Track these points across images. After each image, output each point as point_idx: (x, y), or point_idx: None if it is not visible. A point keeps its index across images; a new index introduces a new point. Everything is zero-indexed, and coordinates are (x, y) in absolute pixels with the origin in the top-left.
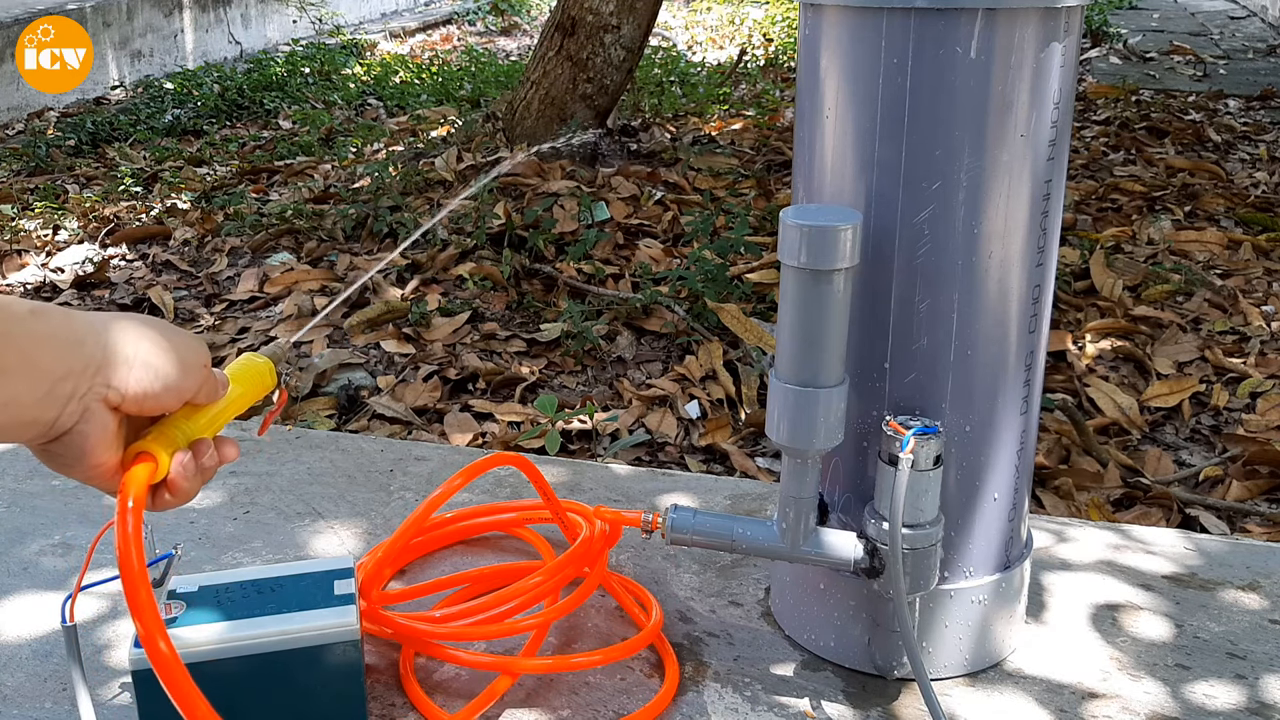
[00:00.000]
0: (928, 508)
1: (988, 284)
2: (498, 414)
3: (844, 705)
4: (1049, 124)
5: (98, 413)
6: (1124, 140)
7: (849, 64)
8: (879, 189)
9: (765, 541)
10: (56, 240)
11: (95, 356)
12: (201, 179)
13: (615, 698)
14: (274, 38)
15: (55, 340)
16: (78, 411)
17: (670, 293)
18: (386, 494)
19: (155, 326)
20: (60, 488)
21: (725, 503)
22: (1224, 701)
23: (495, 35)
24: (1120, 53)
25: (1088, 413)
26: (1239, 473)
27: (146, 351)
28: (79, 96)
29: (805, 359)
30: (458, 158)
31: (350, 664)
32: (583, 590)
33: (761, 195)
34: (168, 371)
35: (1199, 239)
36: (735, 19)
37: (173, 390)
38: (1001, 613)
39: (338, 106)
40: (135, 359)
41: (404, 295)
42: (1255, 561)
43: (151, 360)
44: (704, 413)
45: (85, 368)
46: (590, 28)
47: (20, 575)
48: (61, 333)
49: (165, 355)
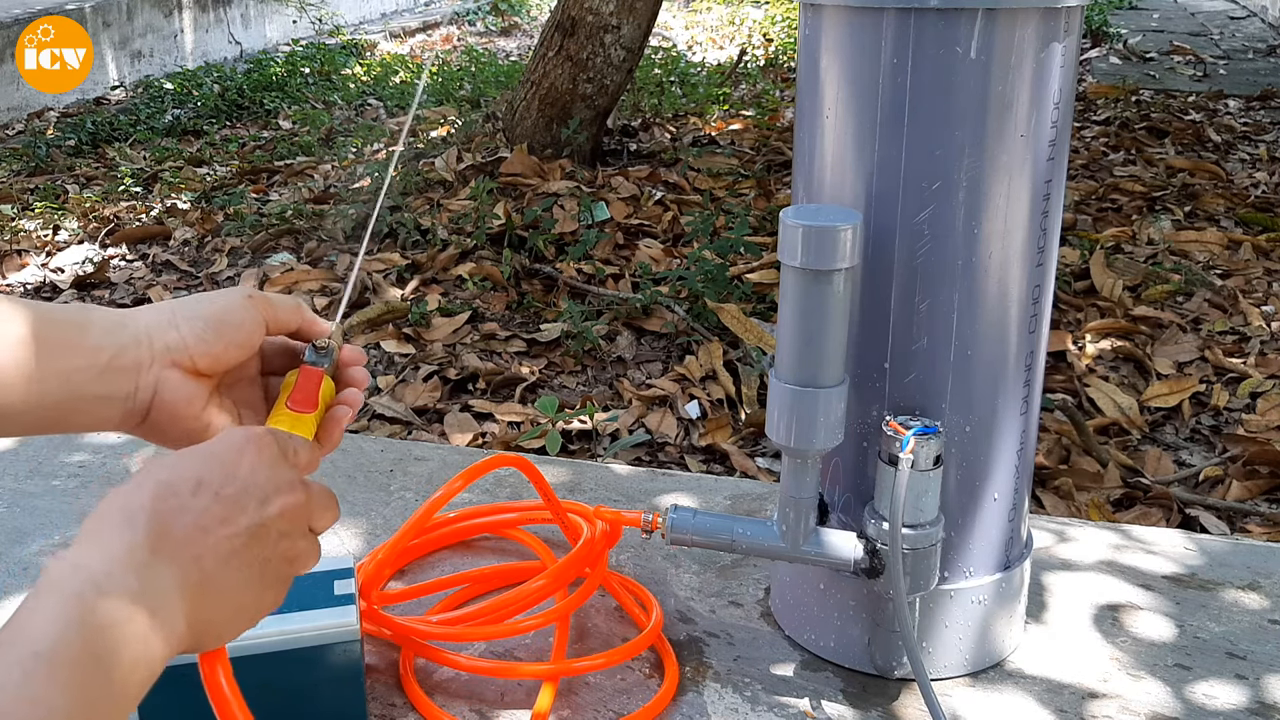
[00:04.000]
0: (928, 508)
1: (988, 284)
2: (498, 414)
3: (844, 705)
4: (1049, 124)
5: (173, 379)
6: (1124, 140)
7: (849, 64)
8: (879, 189)
9: (765, 541)
10: (56, 240)
11: (140, 331)
12: (201, 179)
13: (615, 698)
14: (274, 38)
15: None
16: (151, 384)
17: (670, 293)
18: (386, 494)
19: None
20: (60, 488)
21: (725, 503)
22: (1224, 701)
23: (495, 35)
24: (1120, 53)
25: (1088, 413)
26: (1239, 473)
27: (186, 308)
28: (79, 96)
29: (805, 359)
30: (458, 158)
31: (350, 664)
32: (583, 590)
33: (761, 195)
34: (213, 314)
35: (1199, 239)
36: (735, 19)
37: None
38: (1002, 613)
39: (338, 106)
40: (177, 316)
41: (404, 295)
42: (1255, 561)
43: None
44: (704, 413)
45: (135, 340)
46: (590, 28)
47: (20, 575)
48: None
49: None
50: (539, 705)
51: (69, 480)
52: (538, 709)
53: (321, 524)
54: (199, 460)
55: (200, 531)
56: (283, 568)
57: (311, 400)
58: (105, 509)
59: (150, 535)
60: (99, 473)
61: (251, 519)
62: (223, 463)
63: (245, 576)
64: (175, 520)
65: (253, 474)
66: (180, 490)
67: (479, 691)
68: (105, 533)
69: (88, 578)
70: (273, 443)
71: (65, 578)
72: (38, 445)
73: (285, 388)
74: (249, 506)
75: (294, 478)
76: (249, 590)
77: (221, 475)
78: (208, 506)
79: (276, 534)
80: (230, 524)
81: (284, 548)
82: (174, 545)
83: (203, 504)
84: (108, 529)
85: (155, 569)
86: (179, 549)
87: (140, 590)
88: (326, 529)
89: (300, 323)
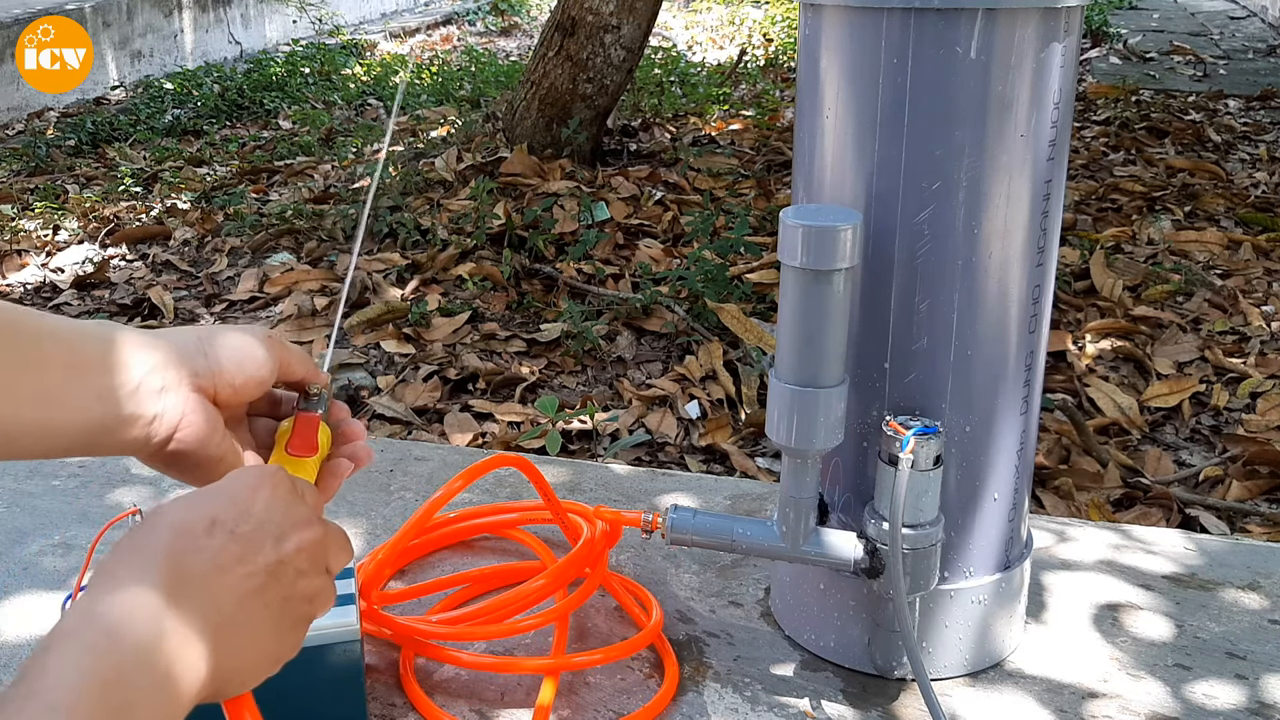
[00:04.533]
0: (928, 508)
1: (988, 284)
2: (498, 414)
3: (844, 705)
4: (1049, 124)
5: (198, 405)
6: (1124, 140)
7: (849, 64)
8: (879, 189)
9: (765, 541)
10: (56, 240)
11: (170, 354)
12: (201, 179)
13: (615, 697)
14: (274, 38)
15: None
16: (179, 407)
17: (670, 293)
18: (386, 494)
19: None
20: (60, 488)
21: (725, 503)
22: (1224, 701)
23: (495, 35)
24: (1120, 53)
25: (1088, 413)
26: (1239, 473)
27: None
28: (79, 96)
29: (805, 359)
30: (458, 158)
31: (350, 664)
32: (583, 590)
33: (761, 195)
34: (238, 345)
35: (1199, 239)
36: (735, 19)
37: (255, 360)
38: (1002, 613)
39: (338, 106)
40: (204, 343)
41: (404, 295)
42: (1255, 561)
43: (221, 341)
44: (704, 413)
45: (166, 362)
46: (590, 28)
47: (20, 575)
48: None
49: (230, 334)
50: (541, 699)
51: (69, 480)
52: (540, 702)
53: (337, 564)
54: (212, 499)
55: (218, 571)
56: (302, 607)
57: (311, 444)
58: (120, 551)
59: (167, 577)
60: (99, 473)
61: (269, 557)
62: (236, 501)
63: (265, 617)
64: (191, 561)
65: (268, 511)
66: (195, 530)
67: (479, 691)
68: (120, 576)
69: (103, 628)
70: (286, 479)
71: (81, 627)
72: None
73: (281, 435)
74: (265, 544)
75: (310, 514)
76: (269, 632)
77: (236, 513)
78: (224, 545)
79: (294, 572)
80: (247, 562)
81: (302, 586)
82: (191, 588)
83: (219, 543)
84: (123, 572)
85: (173, 614)
86: (196, 591)
87: (157, 639)
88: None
89: (306, 373)
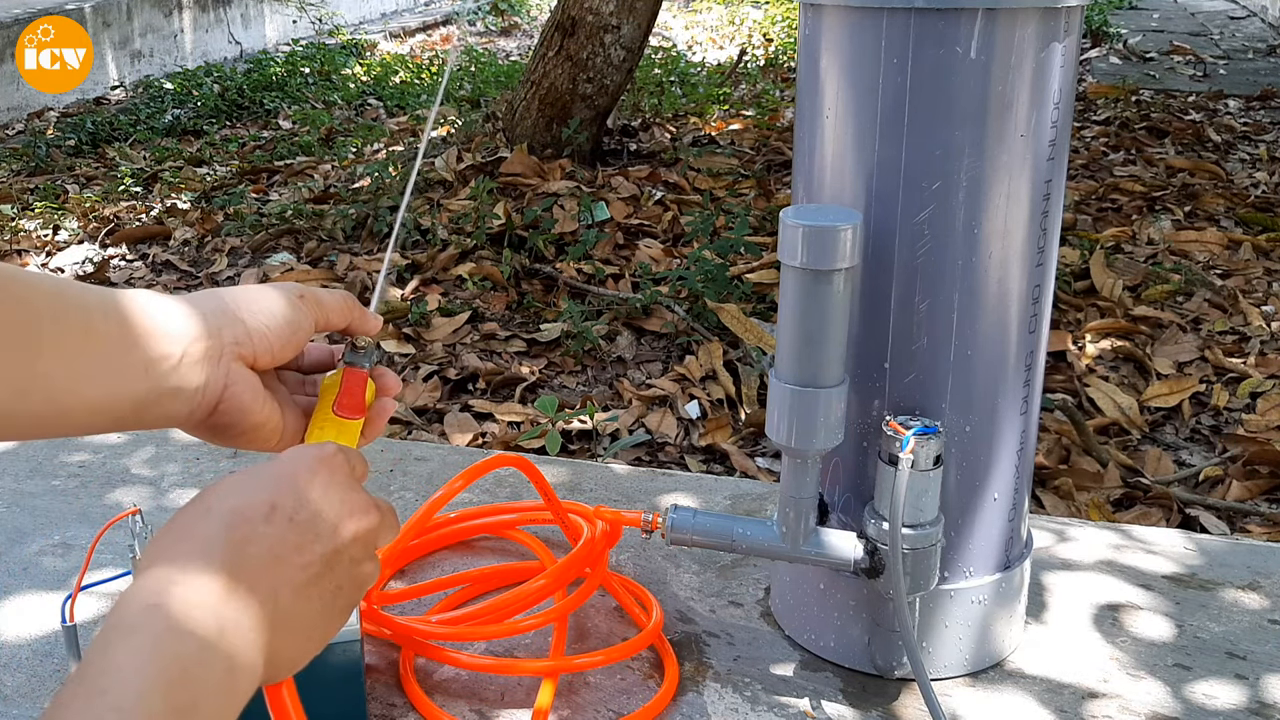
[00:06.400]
0: (928, 508)
1: (988, 284)
2: (498, 414)
3: (844, 705)
4: (1049, 124)
5: (240, 373)
6: (1124, 140)
7: (849, 64)
8: (879, 189)
9: (765, 541)
10: (56, 240)
11: (212, 319)
12: (201, 179)
13: (615, 698)
14: (274, 38)
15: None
16: (222, 376)
17: (670, 293)
18: (386, 494)
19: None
20: (60, 488)
21: (725, 503)
22: (1224, 701)
23: (495, 35)
24: (1120, 53)
25: (1088, 413)
26: (1239, 473)
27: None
28: (79, 96)
29: (805, 359)
30: (458, 158)
31: (350, 664)
32: (583, 590)
33: (761, 195)
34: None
35: (1199, 239)
36: (735, 19)
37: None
38: (1002, 613)
39: (338, 106)
40: (240, 309)
41: (404, 295)
42: (1255, 561)
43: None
44: (704, 413)
45: (207, 330)
46: (590, 28)
47: (20, 575)
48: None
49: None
50: (540, 701)
51: (69, 480)
52: (539, 705)
53: (386, 543)
54: (269, 483)
55: (275, 561)
56: (353, 594)
57: (360, 405)
58: (175, 536)
59: (226, 568)
60: (99, 473)
61: (326, 546)
62: (294, 486)
63: (319, 606)
64: (250, 550)
65: (325, 497)
66: (254, 516)
67: (479, 691)
68: (180, 565)
69: (167, 624)
70: (345, 463)
71: (143, 622)
72: (37, 445)
73: (325, 391)
74: (323, 533)
75: (367, 501)
76: (320, 618)
77: (294, 500)
78: (282, 534)
79: (349, 560)
80: (305, 551)
81: (355, 573)
82: (250, 578)
83: (277, 531)
84: (182, 559)
85: (233, 607)
86: (255, 582)
87: (218, 635)
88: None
89: (349, 321)
